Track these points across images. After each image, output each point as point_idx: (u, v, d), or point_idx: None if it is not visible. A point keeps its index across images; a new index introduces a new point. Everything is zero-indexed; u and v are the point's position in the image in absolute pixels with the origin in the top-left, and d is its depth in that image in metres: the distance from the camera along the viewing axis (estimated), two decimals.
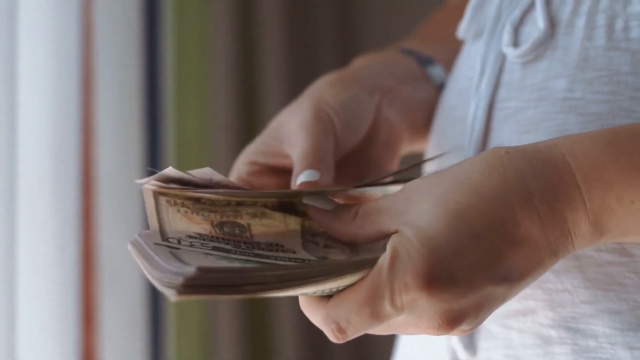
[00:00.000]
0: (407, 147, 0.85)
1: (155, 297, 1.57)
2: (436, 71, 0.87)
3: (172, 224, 0.65)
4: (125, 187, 1.51)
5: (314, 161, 0.74)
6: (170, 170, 0.65)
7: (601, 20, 0.74)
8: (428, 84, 0.87)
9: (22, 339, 1.31)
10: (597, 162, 0.64)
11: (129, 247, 0.64)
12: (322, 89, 0.80)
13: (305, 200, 0.69)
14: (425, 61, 0.87)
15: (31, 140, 1.33)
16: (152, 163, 1.59)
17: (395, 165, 0.83)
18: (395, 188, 0.74)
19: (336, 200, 0.71)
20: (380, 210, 0.66)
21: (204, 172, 0.66)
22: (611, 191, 0.64)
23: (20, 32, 1.31)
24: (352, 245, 0.69)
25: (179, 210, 0.66)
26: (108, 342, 1.48)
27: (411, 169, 0.75)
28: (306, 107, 0.78)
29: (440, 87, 0.87)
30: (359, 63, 0.86)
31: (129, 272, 1.50)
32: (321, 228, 0.69)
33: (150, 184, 0.66)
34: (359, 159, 0.81)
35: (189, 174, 0.65)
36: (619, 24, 0.73)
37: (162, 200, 0.65)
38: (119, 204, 1.50)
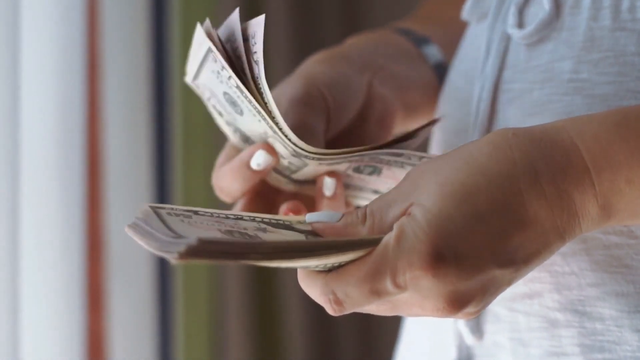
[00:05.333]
0: (401, 126, 0.85)
1: (163, 283, 1.57)
2: (431, 50, 0.86)
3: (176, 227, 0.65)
4: (133, 172, 1.50)
5: (303, 136, 0.73)
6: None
7: (607, 0, 0.73)
8: (423, 63, 0.86)
9: (28, 325, 1.31)
10: (606, 143, 0.64)
11: (127, 231, 0.63)
12: (310, 66, 0.80)
13: (307, 219, 0.68)
14: (420, 40, 0.86)
15: (36, 125, 1.32)
16: (159, 149, 1.59)
17: None
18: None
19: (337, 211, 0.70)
20: (389, 203, 0.65)
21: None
22: (620, 173, 0.64)
23: (24, 19, 1.30)
24: None
25: (182, 221, 0.65)
26: (116, 328, 1.49)
27: (419, 131, 0.74)
28: (297, 84, 0.78)
29: (435, 67, 0.86)
30: (351, 42, 0.85)
31: (137, 258, 1.50)
32: None
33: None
34: (352, 137, 0.81)
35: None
36: (625, 4, 0.73)
37: (163, 212, 0.65)
38: (126, 189, 1.50)
